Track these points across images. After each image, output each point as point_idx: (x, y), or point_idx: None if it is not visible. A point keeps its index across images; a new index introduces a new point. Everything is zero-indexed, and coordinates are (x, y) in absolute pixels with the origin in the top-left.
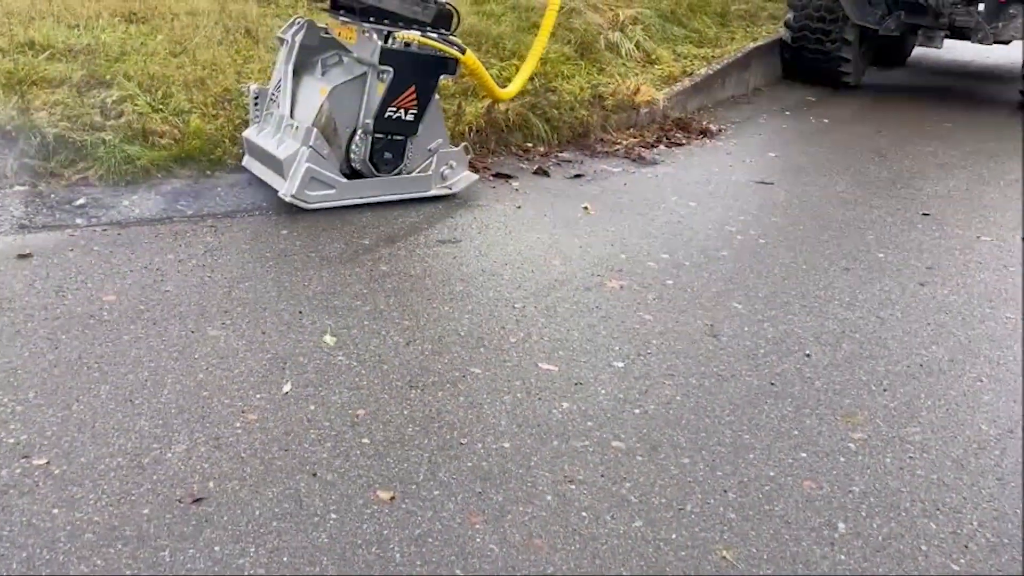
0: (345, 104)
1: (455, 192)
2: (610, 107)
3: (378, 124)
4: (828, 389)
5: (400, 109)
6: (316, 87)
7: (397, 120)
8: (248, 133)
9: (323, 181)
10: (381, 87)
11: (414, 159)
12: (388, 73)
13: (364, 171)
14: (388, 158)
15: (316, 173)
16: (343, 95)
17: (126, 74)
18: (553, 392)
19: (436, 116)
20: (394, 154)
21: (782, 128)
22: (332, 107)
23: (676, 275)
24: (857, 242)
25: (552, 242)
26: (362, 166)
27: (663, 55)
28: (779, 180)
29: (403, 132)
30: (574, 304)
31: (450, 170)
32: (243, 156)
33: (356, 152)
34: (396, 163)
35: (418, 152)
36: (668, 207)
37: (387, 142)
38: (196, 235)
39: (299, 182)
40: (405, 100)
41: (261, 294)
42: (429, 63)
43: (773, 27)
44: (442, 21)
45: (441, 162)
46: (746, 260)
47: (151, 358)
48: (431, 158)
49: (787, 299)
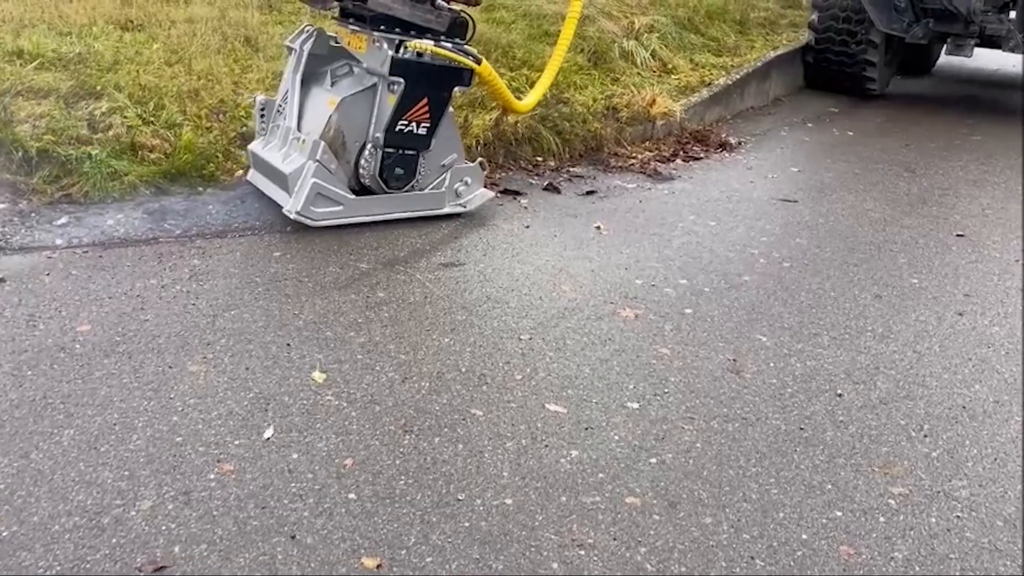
0: (354, 116)
1: (469, 210)
2: (624, 119)
3: (389, 138)
4: (863, 435)
5: (412, 122)
6: (324, 98)
7: (409, 134)
8: (254, 146)
9: (330, 197)
10: (392, 99)
11: (427, 175)
12: (399, 84)
13: (374, 187)
14: (399, 174)
15: (323, 189)
16: (352, 107)
17: (117, 84)
18: (561, 438)
19: (450, 130)
20: (406, 170)
21: (804, 141)
22: (341, 119)
23: (695, 303)
24: (888, 266)
25: (562, 265)
26: (372, 182)
27: (680, 64)
28: (803, 197)
29: (415, 146)
30: (585, 336)
31: (465, 187)
32: (248, 170)
33: (365, 167)
34: (408, 179)
35: (431, 168)
36: (686, 227)
37: (398, 157)
38: (182, 257)
39: (304, 198)
40: (417, 113)
41: (247, 324)
42: (442, 74)
43: (794, 35)
44: (457, 30)
45: (455, 178)
46: (770, 286)
47: (122, 397)
48: (445, 174)
49: (815, 330)
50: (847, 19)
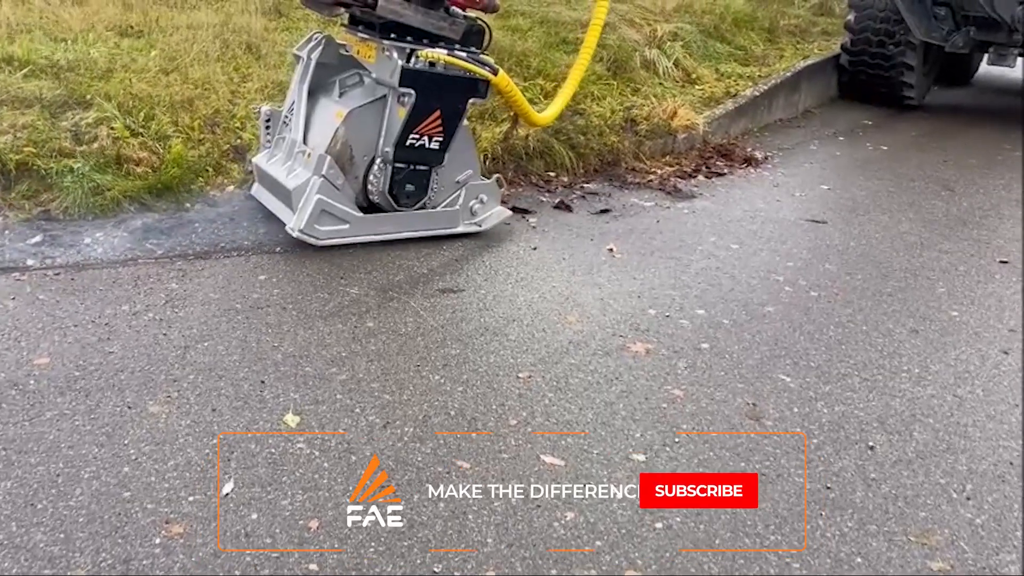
0: (363, 129)
1: (484, 229)
2: (643, 132)
3: (399, 152)
4: (897, 496)
5: (424, 136)
6: (332, 110)
7: (420, 148)
8: (258, 159)
9: (336, 215)
10: (402, 112)
11: (440, 192)
12: (410, 96)
13: (383, 204)
14: (410, 191)
15: (328, 206)
16: (361, 119)
17: (107, 93)
18: (556, 497)
19: (465, 144)
20: (417, 186)
21: (835, 156)
22: (348, 132)
23: (712, 337)
24: (926, 296)
25: (569, 293)
26: (381, 199)
27: (704, 74)
28: (833, 218)
29: (427, 162)
30: (589, 374)
31: (480, 205)
32: (252, 184)
33: (374, 183)
34: (419, 196)
35: (444, 184)
36: (705, 250)
37: (409, 173)
38: (160, 280)
39: (308, 215)
40: (429, 126)
41: (220, 357)
42: (457, 85)
43: (826, 43)
44: (472, 38)
45: (470, 196)
46: (795, 318)
47: (72, 443)
48: (459, 191)
49: (845, 370)
50: (884, 27)
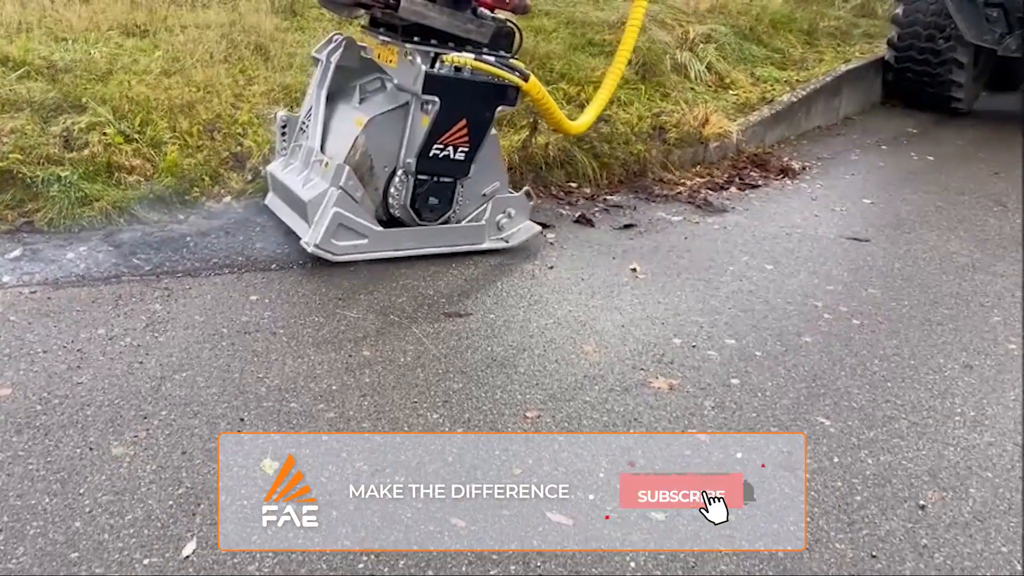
0: (384, 138)
1: (512, 246)
2: (673, 140)
3: (422, 163)
4: (954, 566)
5: (448, 146)
6: (352, 117)
7: (444, 159)
8: (273, 167)
9: (354, 229)
10: (425, 120)
11: (465, 205)
12: (434, 104)
13: (404, 218)
14: (433, 204)
15: (345, 219)
16: (382, 128)
17: (104, 96)
18: (561, 564)
19: (493, 155)
20: (441, 199)
21: (879, 166)
22: (368, 141)
23: (743, 371)
24: (979, 325)
25: (586, 319)
26: (402, 212)
27: (739, 79)
28: (876, 235)
29: (452, 173)
30: (605, 414)
31: (507, 219)
32: (266, 193)
33: (396, 196)
34: (443, 210)
35: (470, 197)
36: (737, 270)
37: (432, 185)
38: (143, 301)
39: (325, 229)
40: (454, 136)
41: (198, 391)
42: (484, 92)
43: (868, 46)
44: (501, 41)
45: (497, 209)
46: (836, 351)
47: (22, 491)
48: (485, 204)
49: (891, 411)
50: (934, 19)
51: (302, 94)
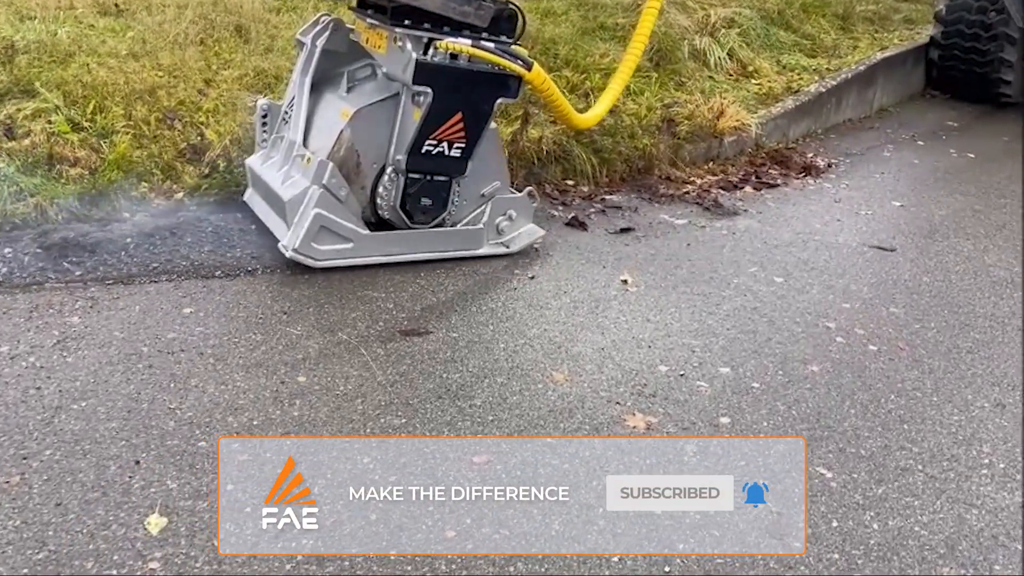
0: (372, 132)
1: (513, 251)
2: (683, 134)
3: (413, 161)
4: None
5: (442, 142)
6: (338, 107)
7: (438, 156)
8: (252, 160)
9: (337, 232)
10: (417, 113)
11: (461, 207)
12: (426, 95)
13: (394, 221)
14: (426, 205)
15: (328, 221)
16: (370, 120)
17: (60, 81)
18: None
19: (492, 151)
20: (434, 200)
21: (912, 164)
22: (355, 135)
23: (736, 408)
24: (1016, 354)
25: (562, 339)
26: (392, 214)
27: (763, 66)
28: (904, 244)
29: (446, 171)
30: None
31: (508, 222)
32: (245, 189)
33: (384, 196)
34: (436, 212)
35: (467, 198)
36: (742, 283)
37: (425, 184)
38: (61, 312)
39: (304, 232)
40: (449, 130)
41: (96, 424)
42: (482, 82)
43: (908, 32)
44: (502, 25)
45: (497, 211)
46: (846, 383)
47: None
48: (484, 206)
49: (906, 461)
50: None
51: (276, 79)
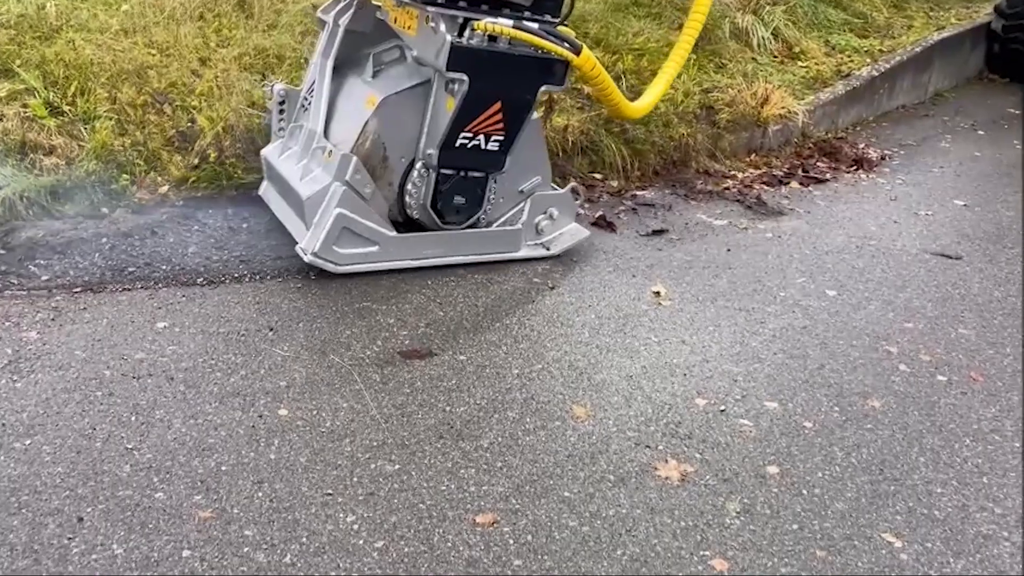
0: (400, 123)
1: (554, 254)
2: (724, 122)
3: (445, 155)
4: None
5: (479, 135)
6: (363, 95)
7: (474, 150)
8: (268, 151)
9: (361, 234)
10: (451, 102)
11: (498, 205)
12: (462, 83)
13: (424, 221)
14: (459, 204)
15: (351, 222)
16: (398, 110)
17: (41, 59)
18: None
19: (533, 143)
20: (468, 198)
21: (974, 156)
22: (381, 126)
23: (787, 453)
24: None
25: (585, 365)
26: (421, 214)
27: (810, 48)
28: (970, 251)
29: (482, 167)
30: (587, 522)
31: (549, 222)
32: (260, 182)
33: (414, 194)
34: (471, 211)
35: (504, 195)
36: (790, 297)
37: (458, 181)
38: (18, 326)
39: (325, 234)
40: (487, 122)
41: (38, 469)
42: (525, 68)
43: (966, 11)
44: (547, 4)
45: (537, 210)
46: (912, 422)
47: None
48: (523, 203)
49: (987, 526)
50: None
51: (278, 59)
